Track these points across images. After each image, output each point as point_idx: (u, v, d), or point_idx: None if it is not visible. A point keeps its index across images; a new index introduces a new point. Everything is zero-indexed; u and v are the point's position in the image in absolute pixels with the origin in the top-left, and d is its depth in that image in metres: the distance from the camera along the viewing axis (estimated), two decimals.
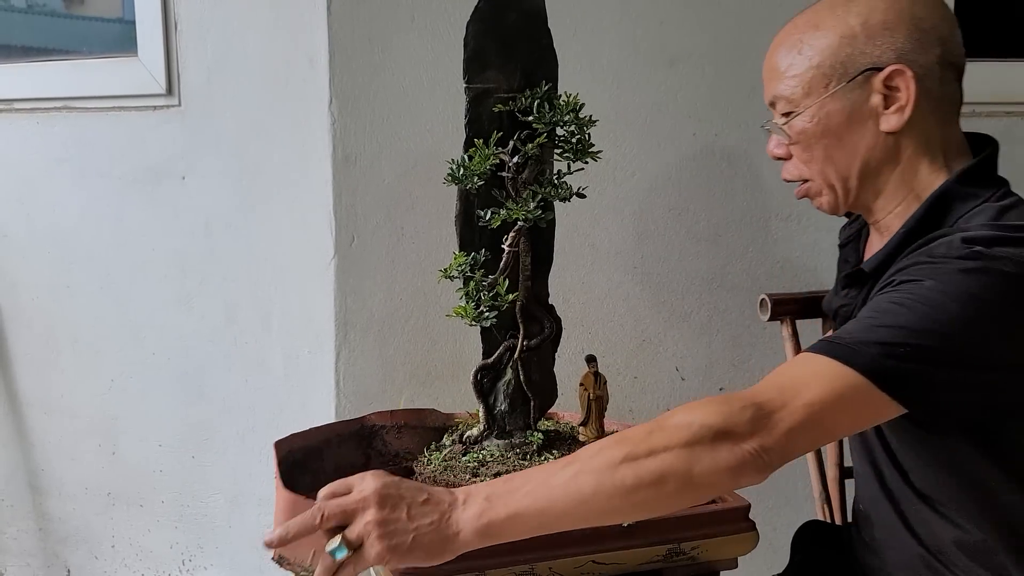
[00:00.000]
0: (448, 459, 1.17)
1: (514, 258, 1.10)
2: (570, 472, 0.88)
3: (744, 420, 0.88)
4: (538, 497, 0.87)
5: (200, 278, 1.82)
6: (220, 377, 1.82)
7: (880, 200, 1.13)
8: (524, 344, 1.15)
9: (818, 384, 0.91)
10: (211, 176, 1.77)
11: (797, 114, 1.09)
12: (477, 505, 0.88)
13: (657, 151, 1.70)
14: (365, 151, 1.62)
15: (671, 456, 0.88)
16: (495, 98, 1.10)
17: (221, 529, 1.88)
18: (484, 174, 1.07)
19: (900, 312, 0.95)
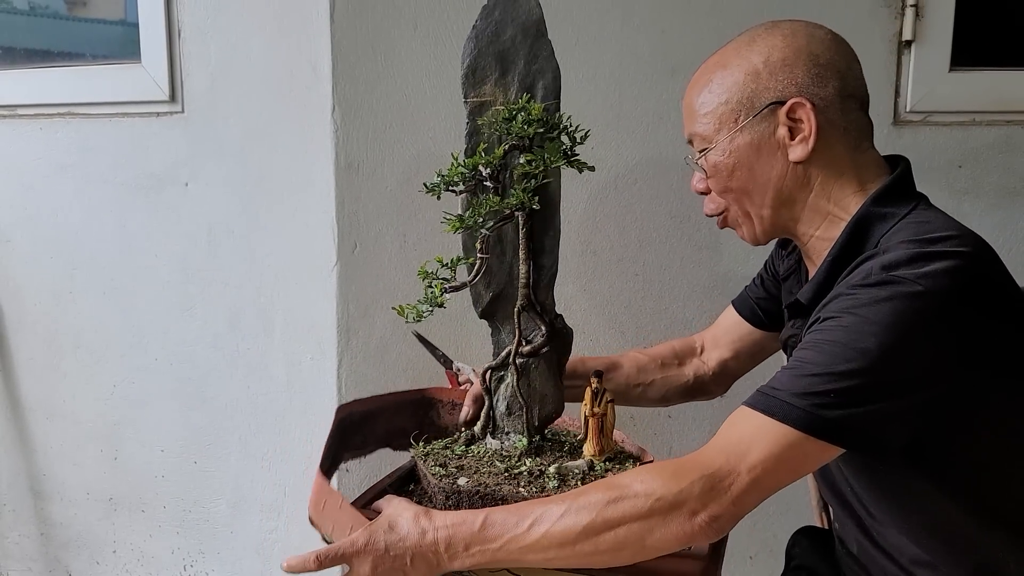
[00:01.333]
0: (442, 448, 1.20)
1: (482, 264, 1.12)
2: (535, 535, 0.99)
3: (695, 494, 0.95)
4: (511, 551, 1.00)
5: (203, 284, 1.81)
6: (222, 383, 1.82)
7: (800, 226, 1.15)
8: (519, 349, 1.16)
9: (759, 446, 0.96)
10: (214, 183, 1.78)
11: (710, 149, 1.14)
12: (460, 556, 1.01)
13: (658, 159, 1.70)
14: (368, 158, 1.63)
15: (626, 530, 0.97)
16: (494, 111, 1.11)
17: (223, 535, 1.88)
18: (457, 182, 1.09)
19: (823, 355, 0.97)
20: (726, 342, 1.45)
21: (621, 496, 0.97)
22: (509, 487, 1.11)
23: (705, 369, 1.46)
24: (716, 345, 1.46)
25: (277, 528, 1.82)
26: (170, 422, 1.89)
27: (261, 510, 1.83)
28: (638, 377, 1.44)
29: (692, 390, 1.46)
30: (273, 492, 1.81)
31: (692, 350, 1.48)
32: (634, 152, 1.71)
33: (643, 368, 1.44)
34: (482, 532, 1.00)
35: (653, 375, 1.45)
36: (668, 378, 1.45)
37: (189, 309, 1.84)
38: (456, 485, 1.11)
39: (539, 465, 1.16)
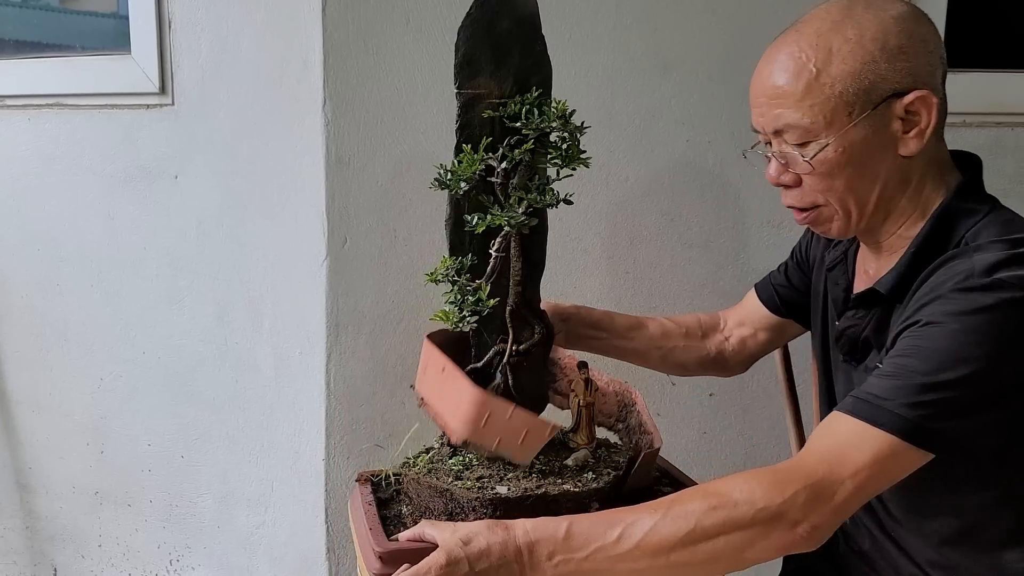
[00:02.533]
0: (434, 461, 1.17)
1: (502, 263, 1.10)
2: (627, 546, 0.95)
3: (799, 504, 0.94)
4: (598, 561, 0.96)
5: (191, 277, 1.80)
6: (210, 377, 1.81)
7: (887, 223, 1.12)
8: (513, 349, 1.14)
9: (862, 455, 0.95)
10: (204, 176, 1.76)
11: (821, 145, 1.05)
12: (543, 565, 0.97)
13: (651, 157, 1.70)
14: (358, 153, 1.62)
15: (725, 540, 0.94)
16: (485, 103, 1.10)
17: (209, 529, 1.87)
18: (471, 179, 1.07)
19: (928, 363, 0.96)
20: (749, 323, 1.45)
21: (720, 505, 0.95)
22: (553, 488, 1.09)
23: (727, 346, 1.45)
24: (740, 324, 1.45)
25: (264, 523, 1.81)
26: (157, 416, 1.88)
27: (248, 505, 1.81)
28: (661, 341, 1.43)
29: (711, 363, 1.46)
30: (260, 487, 1.80)
31: (716, 325, 1.47)
32: (626, 150, 1.71)
33: (668, 333, 1.43)
34: (567, 541, 0.97)
35: (676, 342, 1.44)
36: (690, 347, 1.44)
37: (177, 302, 1.83)
38: (495, 493, 1.07)
39: (548, 462, 1.15)
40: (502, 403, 1.08)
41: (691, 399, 1.80)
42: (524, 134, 1.08)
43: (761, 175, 1.62)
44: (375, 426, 1.69)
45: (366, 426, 1.69)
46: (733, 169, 1.73)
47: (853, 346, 1.17)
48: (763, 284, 1.43)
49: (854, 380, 1.18)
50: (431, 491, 1.11)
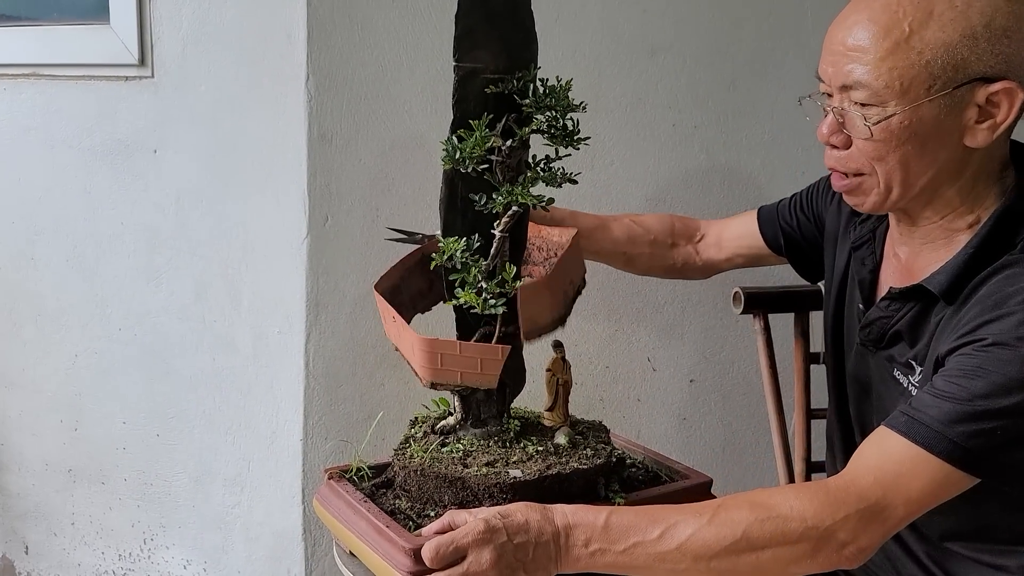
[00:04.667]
0: (432, 452, 1.15)
1: (502, 244, 1.08)
2: (668, 546, 0.93)
3: (850, 526, 0.93)
4: (635, 557, 0.94)
5: (169, 254, 1.77)
6: (187, 355, 1.79)
7: (927, 209, 1.06)
8: (502, 331, 1.13)
9: (916, 480, 0.94)
10: (183, 150, 1.73)
11: (887, 112, 0.97)
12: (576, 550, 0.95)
13: (636, 141, 1.69)
14: (341, 130, 1.59)
15: (771, 554, 0.93)
16: (483, 79, 1.08)
17: (184, 509, 1.85)
18: (480, 157, 1.04)
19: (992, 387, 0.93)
20: (730, 246, 1.40)
21: (769, 517, 0.94)
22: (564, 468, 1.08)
23: (695, 260, 1.42)
24: (716, 244, 1.42)
25: (240, 503, 1.79)
26: (133, 393, 1.86)
27: (224, 484, 1.80)
28: (626, 246, 1.39)
29: (674, 272, 1.43)
30: (236, 466, 1.78)
31: (690, 236, 1.43)
32: (611, 133, 1.69)
33: (633, 239, 1.39)
34: (606, 531, 0.95)
35: (642, 248, 1.40)
36: (655, 255, 1.41)
37: (155, 279, 1.80)
38: (513, 478, 1.06)
39: (540, 442, 1.15)
40: (449, 342, 1.08)
41: (671, 385, 1.80)
42: (525, 111, 1.05)
43: (746, 162, 1.76)
44: (354, 407, 1.68)
45: (345, 407, 1.67)
46: (719, 155, 1.72)
47: (880, 336, 1.13)
48: (769, 217, 1.36)
49: (870, 365, 1.16)
50: (438, 482, 1.09)
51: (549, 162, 1.11)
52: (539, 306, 1.10)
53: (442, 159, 1.07)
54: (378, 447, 1.55)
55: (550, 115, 1.08)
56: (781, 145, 1.77)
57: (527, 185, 1.06)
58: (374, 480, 1.19)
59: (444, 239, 1.08)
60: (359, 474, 1.20)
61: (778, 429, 1.55)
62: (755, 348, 1.58)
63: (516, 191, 1.04)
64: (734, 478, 1.81)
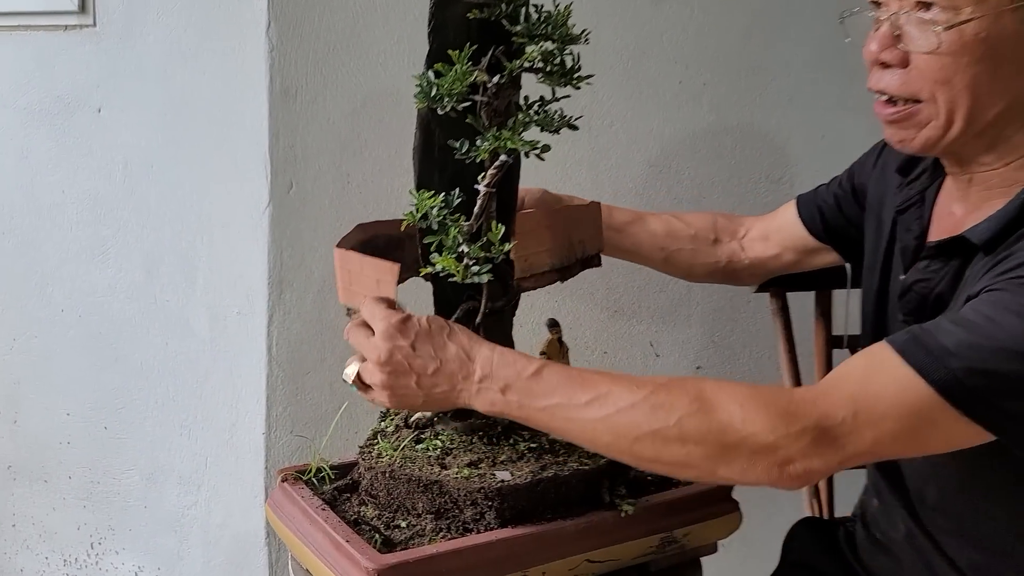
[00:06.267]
0: (404, 450, 1.01)
1: (488, 201, 0.93)
2: (593, 414, 0.86)
3: (802, 444, 0.82)
4: (554, 418, 0.88)
5: (116, 226, 1.67)
6: (137, 339, 1.69)
7: (989, 154, 0.94)
8: (488, 307, 0.98)
9: (896, 406, 0.82)
10: (131, 109, 1.63)
11: (961, 17, 0.86)
12: (491, 394, 0.89)
13: (638, 100, 1.59)
14: (307, 85, 1.50)
15: (702, 451, 0.84)
16: (465, 2, 0.92)
17: (135, 509, 1.75)
18: (461, 95, 0.90)
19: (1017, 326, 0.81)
20: (775, 239, 1.30)
21: (710, 412, 0.84)
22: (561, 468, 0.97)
23: (741, 257, 1.32)
24: (763, 238, 1.31)
25: (197, 503, 1.69)
26: (77, 382, 1.75)
27: (179, 483, 1.70)
28: (665, 241, 1.30)
29: (720, 273, 1.33)
30: (192, 463, 1.68)
31: (734, 232, 1.33)
32: (611, 90, 1.58)
33: (673, 233, 1.31)
34: (530, 383, 0.88)
35: (682, 244, 1.31)
36: (697, 252, 1.31)
37: (101, 254, 1.69)
38: (499, 481, 0.94)
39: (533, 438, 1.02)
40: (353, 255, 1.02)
41: (676, 371, 1.70)
42: (517, 42, 0.91)
43: (761, 125, 1.64)
44: (322, 396, 1.57)
45: (312, 396, 1.57)
46: (730, 116, 1.62)
47: (921, 304, 1.00)
48: (806, 200, 1.27)
49: None
50: (411, 486, 0.96)
51: (544, 104, 0.96)
52: (536, 244, 0.99)
53: (415, 97, 0.91)
54: (348, 442, 1.44)
55: (545, 47, 0.93)
56: (800, 104, 1.67)
57: (518, 129, 0.90)
58: (336, 483, 1.05)
59: (418, 194, 0.92)
60: (319, 475, 1.06)
61: None
62: (769, 331, 1.48)
63: (504, 136, 0.89)
64: None
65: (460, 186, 0.95)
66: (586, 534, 0.95)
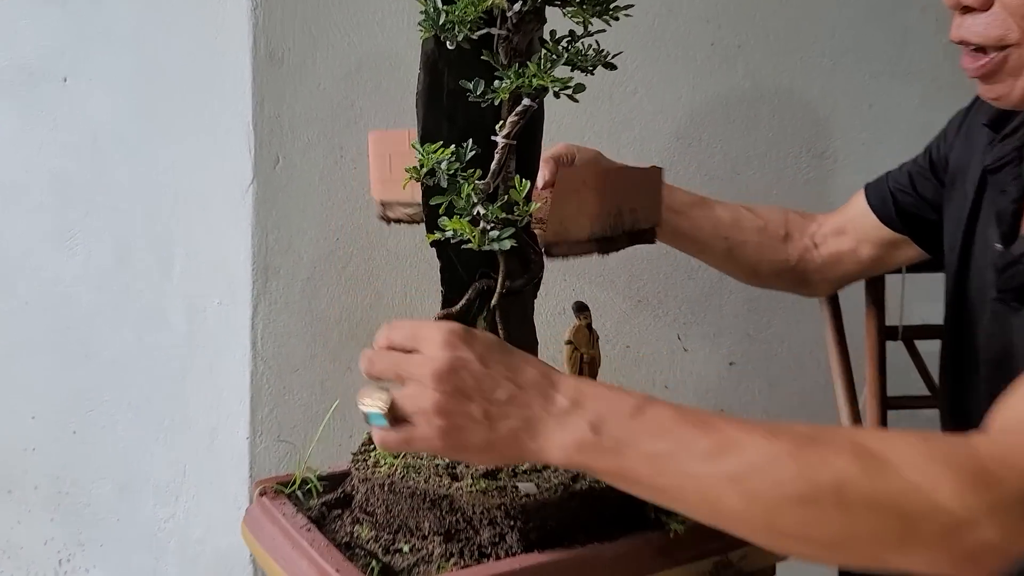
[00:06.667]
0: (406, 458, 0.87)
1: (507, 154, 0.79)
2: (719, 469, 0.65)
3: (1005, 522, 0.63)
4: (663, 470, 0.67)
5: (85, 208, 1.59)
6: (108, 333, 1.61)
7: None
8: (505, 286, 0.85)
9: None
10: (100, 78, 1.54)
11: None
12: (579, 432, 0.68)
13: (665, 63, 1.50)
14: (295, 48, 1.42)
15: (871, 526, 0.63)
16: None
17: (107, 522, 1.66)
18: (475, 24, 0.77)
19: None
20: (852, 233, 1.19)
21: (882, 475, 0.64)
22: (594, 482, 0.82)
23: (814, 255, 1.21)
24: (838, 232, 1.20)
25: (174, 515, 1.61)
26: (43, 381, 1.66)
27: (155, 493, 1.62)
28: (730, 230, 1.19)
29: (790, 274, 1.22)
30: (170, 471, 1.60)
31: (806, 228, 1.22)
32: (635, 54, 1.50)
33: (739, 223, 1.21)
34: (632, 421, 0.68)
35: (749, 236, 1.20)
36: (764, 246, 1.20)
37: (68, 240, 1.60)
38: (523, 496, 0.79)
39: None
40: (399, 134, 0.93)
41: (706, 368, 1.63)
42: None
43: (802, 92, 1.56)
44: (313, 396, 1.49)
45: (302, 396, 1.49)
46: (768, 82, 1.54)
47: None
48: (875, 186, 1.18)
49: (1013, 327, 0.89)
50: (415, 501, 0.82)
51: (575, 39, 0.84)
52: (577, 206, 0.86)
53: (420, 26, 0.78)
54: (341, 447, 1.36)
55: None
56: (845, 70, 1.58)
57: (544, 67, 0.78)
58: (325, 497, 0.92)
59: (423, 148, 0.78)
60: (305, 488, 0.94)
61: (852, 422, 1.33)
62: (810, 323, 1.45)
63: (530, 71, 0.76)
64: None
65: (473, 138, 0.82)
66: (628, 559, 0.82)
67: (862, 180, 1.61)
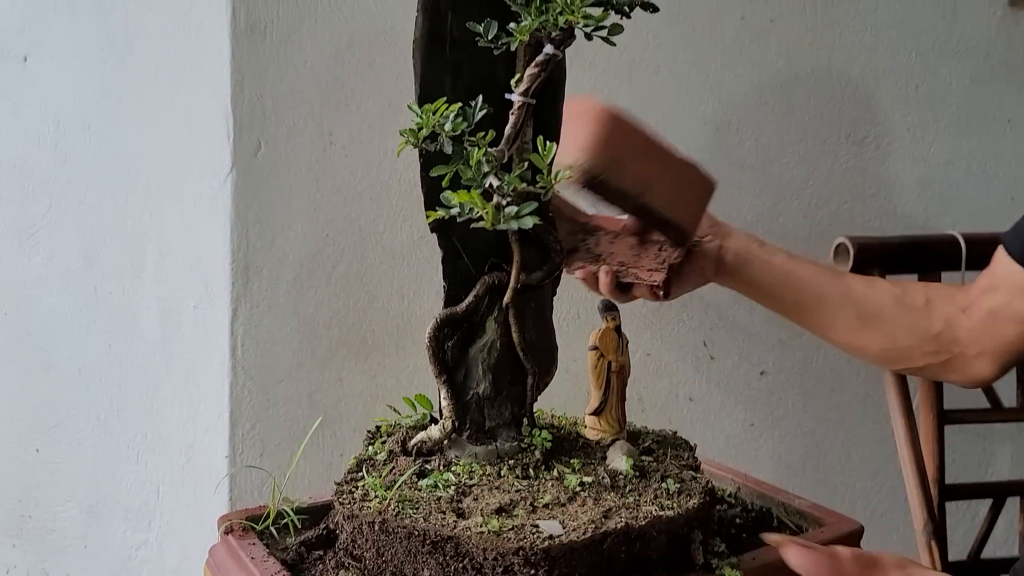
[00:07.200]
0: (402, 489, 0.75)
1: (524, 115, 0.67)
2: None
3: None
4: None
5: (48, 201, 1.52)
6: (74, 340, 1.54)
7: None
8: (520, 280, 0.74)
9: None
10: (62, 56, 1.48)
11: None
12: None
13: (691, 40, 1.44)
14: (278, 19, 1.35)
15: None
16: None
17: (74, 549, 1.59)
18: None
19: None
20: (1003, 287, 1.05)
21: None
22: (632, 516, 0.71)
23: (963, 320, 1.07)
24: (989, 289, 1.06)
25: (147, 542, 1.54)
26: (3, 394, 1.60)
27: (125, 517, 1.54)
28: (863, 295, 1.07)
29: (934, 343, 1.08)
30: (142, 492, 1.53)
31: (951, 295, 1.09)
32: (656, 30, 1.43)
33: (873, 287, 1.10)
34: None
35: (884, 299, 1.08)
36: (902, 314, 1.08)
37: (29, 236, 1.54)
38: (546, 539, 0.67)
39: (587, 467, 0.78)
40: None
41: (734, 378, 1.57)
42: None
43: (843, 71, 1.48)
44: (300, 410, 1.42)
45: (286, 410, 1.42)
46: (803, 60, 1.49)
47: None
48: (1013, 235, 1.04)
49: None
50: (412, 543, 0.70)
51: None
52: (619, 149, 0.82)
53: None
54: (332, 469, 1.32)
55: None
56: (888, 46, 1.53)
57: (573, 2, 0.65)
58: (304, 535, 0.79)
59: (422, 107, 0.64)
60: (280, 524, 0.81)
61: (908, 440, 1.22)
62: None
63: (556, 5, 0.64)
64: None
65: (483, 95, 0.70)
66: None
67: (905, 169, 1.52)
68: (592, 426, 0.88)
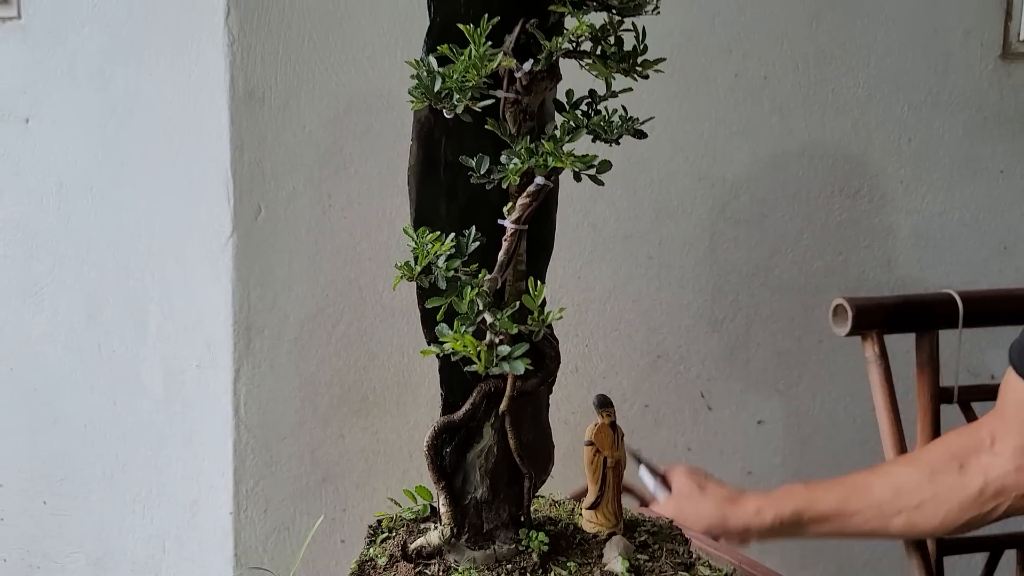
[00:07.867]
0: None
1: (516, 243, 0.70)
2: None
3: None
4: None
5: (51, 260, 1.54)
6: (79, 396, 1.56)
7: None
8: (516, 387, 0.74)
9: None
10: (65, 119, 1.50)
11: None
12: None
13: (686, 97, 1.47)
14: (277, 85, 1.38)
15: None
16: None
17: None
18: (476, 89, 0.67)
19: None
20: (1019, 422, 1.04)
21: None
22: None
23: (1003, 468, 1.06)
24: (1009, 429, 1.04)
25: None
26: (10, 447, 1.61)
27: (132, 570, 1.55)
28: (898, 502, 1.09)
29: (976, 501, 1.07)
30: (148, 546, 1.54)
31: (978, 444, 1.07)
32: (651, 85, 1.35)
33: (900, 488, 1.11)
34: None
35: (921, 494, 1.09)
36: (941, 495, 1.08)
37: (34, 295, 1.56)
38: None
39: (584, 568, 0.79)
40: None
41: (732, 427, 1.60)
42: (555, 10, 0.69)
43: (834, 126, 1.51)
44: (302, 467, 1.44)
45: (289, 467, 1.44)
46: (797, 115, 1.52)
47: None
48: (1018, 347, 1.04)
49: None
50: None
51: (597, 101, 0.73)
52: None
53: (411, 95, 0.69)
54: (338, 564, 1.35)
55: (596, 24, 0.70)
56: (880, 102, 1.56)
57: (561, 140, 0.68)
58: None
59: (417, 234, 0.66)
60: None
61: None
62: (843, 376, 1.46)
63: (545, 149, 0.66)
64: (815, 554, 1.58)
65: (476, 220, 0.72)
66: None
67: (900, 220, 1.54)
68: (589, 519, 0.88)
